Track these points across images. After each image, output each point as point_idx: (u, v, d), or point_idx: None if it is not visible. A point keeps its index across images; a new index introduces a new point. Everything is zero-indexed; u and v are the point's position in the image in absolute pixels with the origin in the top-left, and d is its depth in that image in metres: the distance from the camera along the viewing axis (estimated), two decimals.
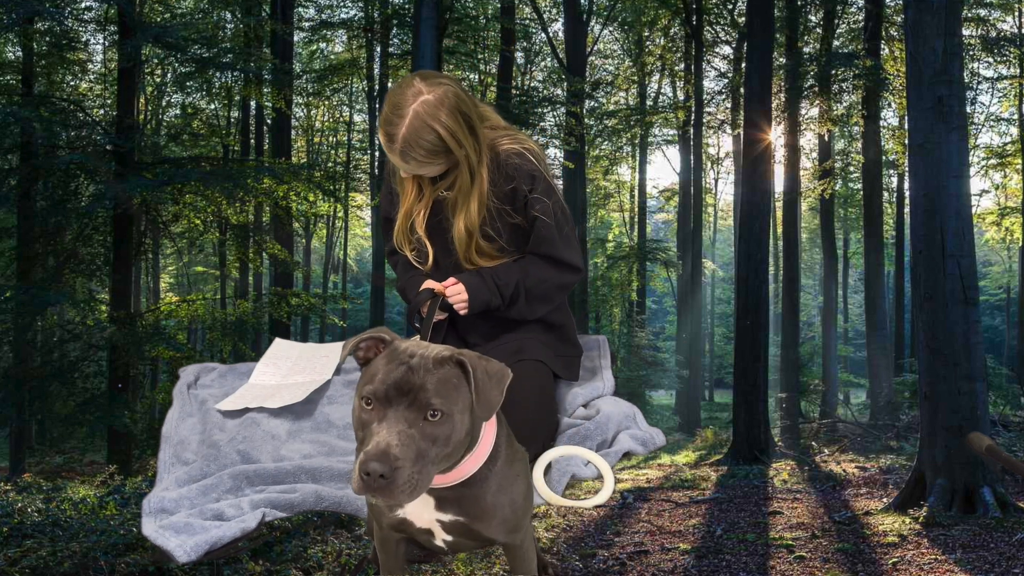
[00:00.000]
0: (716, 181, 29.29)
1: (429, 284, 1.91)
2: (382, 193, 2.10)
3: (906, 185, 16.09)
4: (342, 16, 18.41)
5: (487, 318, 1.97)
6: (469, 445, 1.36)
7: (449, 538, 1.48)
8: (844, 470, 9.07)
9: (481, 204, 1.87)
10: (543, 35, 18.95)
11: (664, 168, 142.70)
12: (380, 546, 1.59)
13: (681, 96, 21.64)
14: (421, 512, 1.44)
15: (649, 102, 22.22)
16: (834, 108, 15.88)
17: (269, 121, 16.18)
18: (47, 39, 11.43)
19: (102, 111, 14.10)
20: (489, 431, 1.42)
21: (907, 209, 13.55)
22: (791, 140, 15.62)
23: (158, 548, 1.52)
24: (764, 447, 10.34)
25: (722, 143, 25.35)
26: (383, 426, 1.22)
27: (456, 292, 1.87)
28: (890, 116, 18.06)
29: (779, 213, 21.28)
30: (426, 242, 1.95)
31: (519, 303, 1.90)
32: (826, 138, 17.72)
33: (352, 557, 3.87)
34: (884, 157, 17.36)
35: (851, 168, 19.68)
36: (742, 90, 14.48)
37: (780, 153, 16.35)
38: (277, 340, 2.30)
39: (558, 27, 20.23)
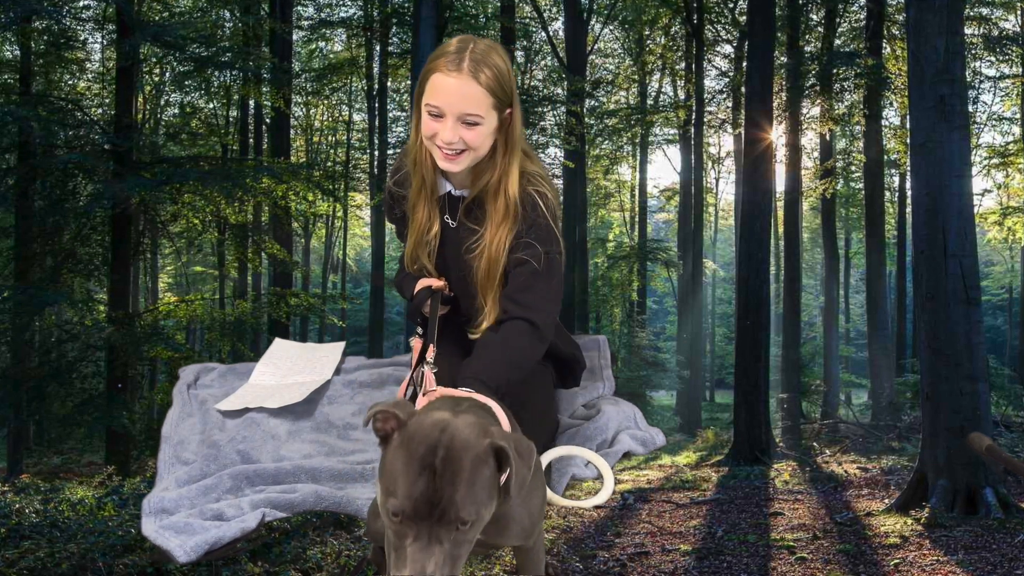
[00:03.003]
0: (717, 181, 29.29)
1: (424, 282, 1.86)
2: (385, 202, 2.00)
3: (908, 185, 16.05)
4: (341, 15, 18.39)
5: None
6: None
7: None
8: (845, 471, 9.06)
9: (510, 209, 1.72)
10: (543, 34, 18.94)
11: (665, 167, 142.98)
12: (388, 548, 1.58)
13: (682, 95, 21.63)
14: None
15: (650, 101, 22.20)
16: (835, 107, 15.85)
17: (268, 120, 16.15)
18: (45, 38, 11.40)
19: (100, 110, 14.07)
20: None
21: (909, 209, 13.54)
22: (792, 139, 15.59)
23: (158, 548, 1.52)
24: (765, 448, 10.31)
25: (723, 142, 25.36)
26: (417, 546, 1.17)
27: None
28: (892, 115, 18.05)
29: (780, 213, 21.25)
30: (434, 273, 1.89)
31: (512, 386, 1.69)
32: (827, 137, 17.70)
33: (351, 558, 3.85)
34: (886, 156, 17.32)
35: (852, 168, 19.65)
36: (743, 89, 14.45)
37: (781, 152, 16.32)
38: (277, 340, 2.29)
39: (558, 26, 20.21)
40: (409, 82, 15.76)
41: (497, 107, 1.68)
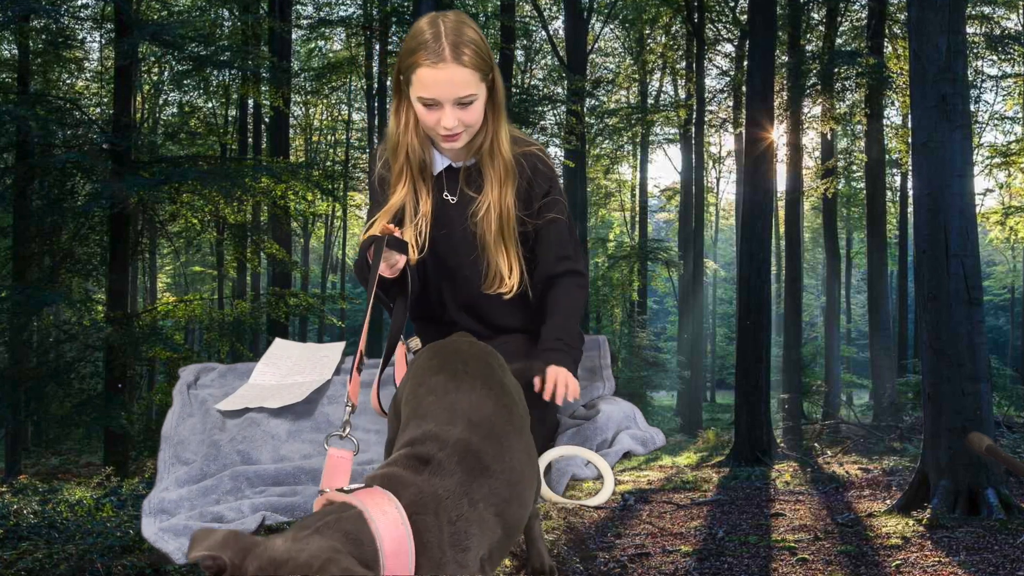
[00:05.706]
0: (718, 180, 29.27)
1: (374, 231, 1.77)
2: (372, 187, 1.96)
3: (909, 184, 16.03)
4: (341, 14, 18.38)
5: (479, 320, 1.93)
6: None
7: None
8: (847, 472, 9.03)
9: (508, 167, 1.81)
10: (543, 33, 18.92)
11: (665, 167, 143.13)
12: None
13: (682, 94, 21.61)
14: None
15: (650, 100, 22.18)
16: (837, 106, 15.82)
17: (267, 120, 16.12)
18: (43, 37, 11.38)
19: (98, 110, 14.05)
20: None
21: (910, 208, 13.51)
22: (793, 139, 15.56)
23: (157, 550, 1.54)
24: (766, 448, 10.29)
25: (724, 142, 25.34)
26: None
27: (563, 379, 1.70)
28: (893, 115, 18.00)
29: (781, 212, 21.21)
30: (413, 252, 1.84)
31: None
32: (829, 137, 17.67)
33: None
34: (887, 156, 17.29)
35: (854, 167, 19.63)
36: (744, 88, 14.44)
37: (782, 152, 16.28)
38: (277, 340, 2.29)
39: (558, 25, 20.20)
40: None
41: (484, 79, 1.73)
